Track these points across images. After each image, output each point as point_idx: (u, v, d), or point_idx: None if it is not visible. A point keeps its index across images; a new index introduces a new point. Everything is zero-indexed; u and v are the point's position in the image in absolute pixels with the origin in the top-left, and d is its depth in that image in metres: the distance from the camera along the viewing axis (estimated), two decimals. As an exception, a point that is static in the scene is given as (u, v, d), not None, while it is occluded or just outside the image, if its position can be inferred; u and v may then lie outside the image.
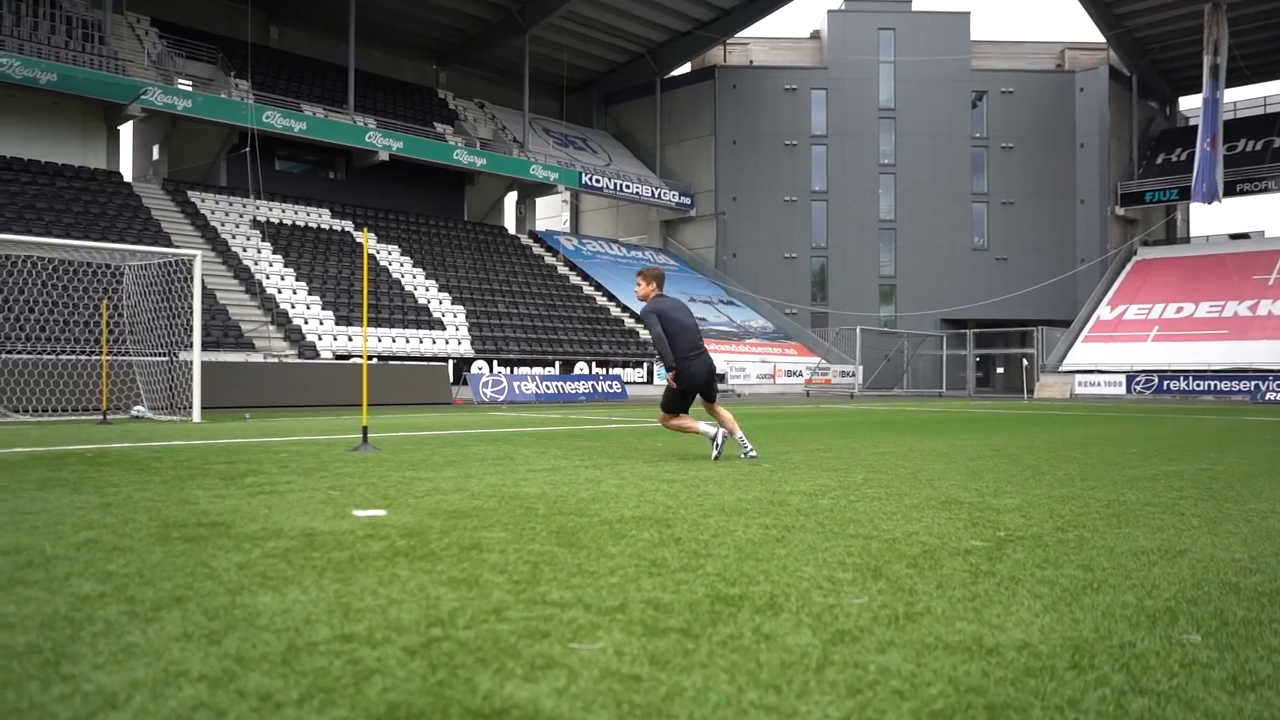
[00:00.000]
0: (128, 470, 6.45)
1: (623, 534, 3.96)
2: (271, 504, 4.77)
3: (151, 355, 16.66)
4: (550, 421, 14.51)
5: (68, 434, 10.74)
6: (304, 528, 4.04)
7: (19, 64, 26.52)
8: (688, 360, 7.78)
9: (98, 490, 5.30)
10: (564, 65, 44.06)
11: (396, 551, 3.52)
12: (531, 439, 10.11)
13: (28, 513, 4.42)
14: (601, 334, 34.57)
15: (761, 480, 6.13)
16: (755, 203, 46.20)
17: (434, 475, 6.22)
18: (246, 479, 5.92)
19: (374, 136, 34.23)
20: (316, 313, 27.24)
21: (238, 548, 3.57)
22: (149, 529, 3.98)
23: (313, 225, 32.84)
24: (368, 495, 5.16)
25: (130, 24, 32.65)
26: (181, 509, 4.57)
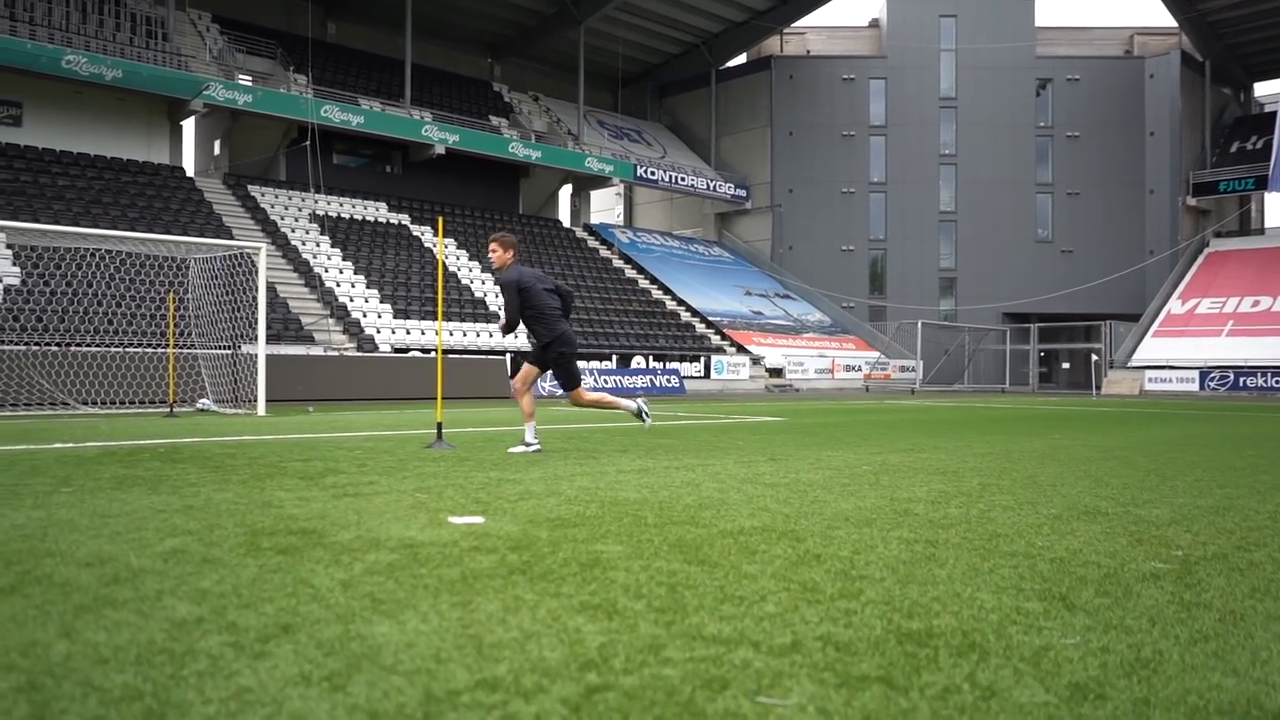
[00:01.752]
0: (203, 468, 6.21)
1: (752, 549, 3.57)
2: (360, 508, 4.46)
3: (215, 348, 16.64)
4: (616, 418, 14.16)
5: (137, 428, 10.63)
6: (401, 537, 3.71)
7: (86, 60, 26.84)
8: (563, 327, 7.59)
9: (176, 490, 5.04)
10: (618, 57, 43.73)
11: (510, 568, 3.17)
12: (604, 436, 9.76)
13: (107, 516, 4.15)
14: (657, 328, 34.19)
15: (870, 484, 5.70)
16: (812, 195, 45.45)
17: (520, 476, 5.88)
18: (326, 479, 5.63)
19: (430, 130, 34.19)
20: (375, 306, 27.23)
21: (336, 561, 3.24)
22: (237, 537, 3.67)
23: (370, 219, 32.90)
24: (458, 499, 4.83)
25: (192, 20, 32.95)
26: (266, 513, 4.28)
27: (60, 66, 26.49)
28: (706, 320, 36.63)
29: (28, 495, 4.80)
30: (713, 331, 36.08)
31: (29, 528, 3.85)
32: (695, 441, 9.11)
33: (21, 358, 15.93)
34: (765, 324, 39.04)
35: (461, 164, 36.34)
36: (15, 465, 6.31)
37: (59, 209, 24.81)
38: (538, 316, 7.51)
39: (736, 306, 39.40)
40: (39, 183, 26.07)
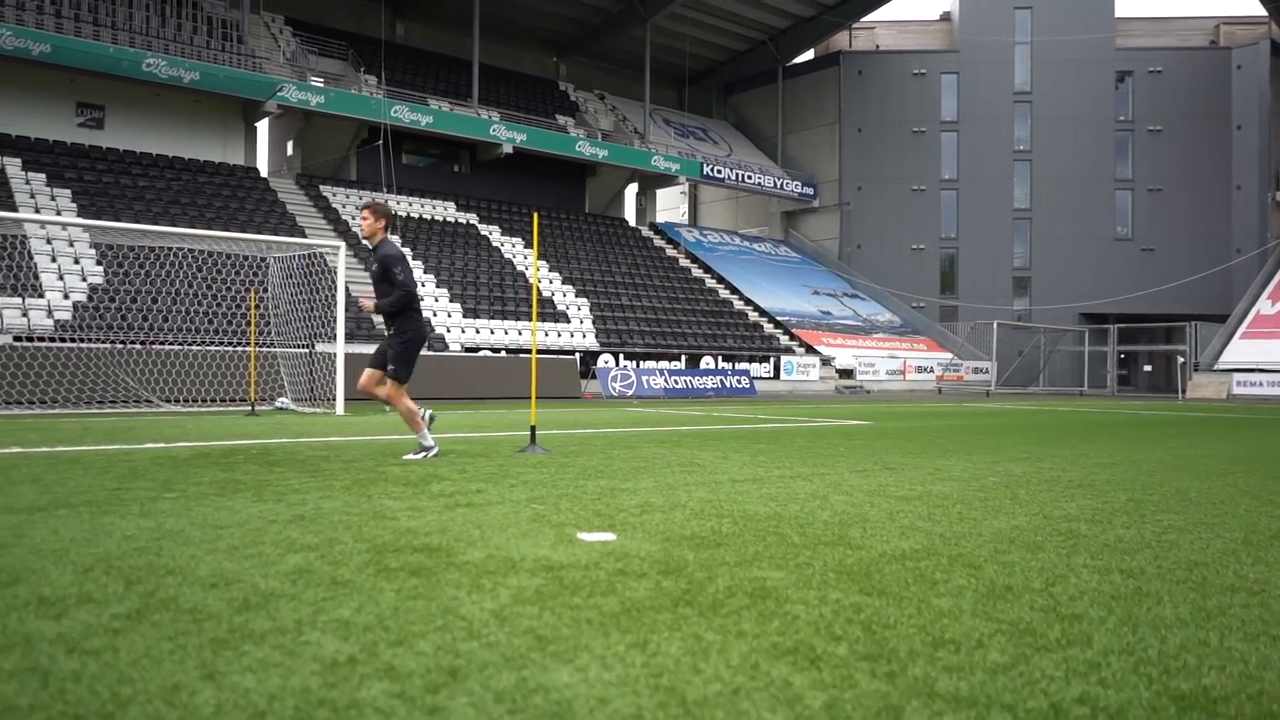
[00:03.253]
0: (301, 472, 6.00)
1: (929, 577, 3.20)
2: (479, 521, 4.17)
3: (293, 347, 16.67)
4: (698, 419, 13.81)
5: (223, 427, 10.57)
6: (536, 557, 3.40)
7: (165, 64, 27.28)
8: (421, 321, 7.16)
9: (281, 497, 4.81)
10: (684, 55, 43.34)
11: (673, 598, 2.83)
12: (698, 440, 9.41)
13: (219, 527, 3.92)
14: (725, 327, 33.74)
15: (1009, 499, 5.26)
16: (881, 192, 44.57)
17: (632, 485, 5.56)
18: (431, 486, 5.37)
19: (498, 129, 34.17)
20: (445, 305, 27.24)
21: (477, 586, 2.94)
22: (360, 554, 3.40)
23: (439, 218, 32.99)
24: (577, 511, 4.52)
25: (266, 23, 33.36)
26: (382, 526, 4.01)
27: (141, 70, 26.95)
28: (774, 320, 36.07)
29: (132, 502, 4.61)
30: (781, 331, 35.51)
31: (141, 539, 3.63)
32: (794, 447, 8.71)
33: (106, 355, 16.11)
34: (834, 324, 38.34)
35: (528, 163, 36.26)
36: (113, 467, 6.17)
37: (139, 209, 25.24)
38: (412, 296, 7.06)
39: (804, 306, 38.76)
40: (120, 184, 26.57)
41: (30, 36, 25.40)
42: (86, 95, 28.24)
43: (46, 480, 5.42)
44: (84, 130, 28.35)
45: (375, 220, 7.02)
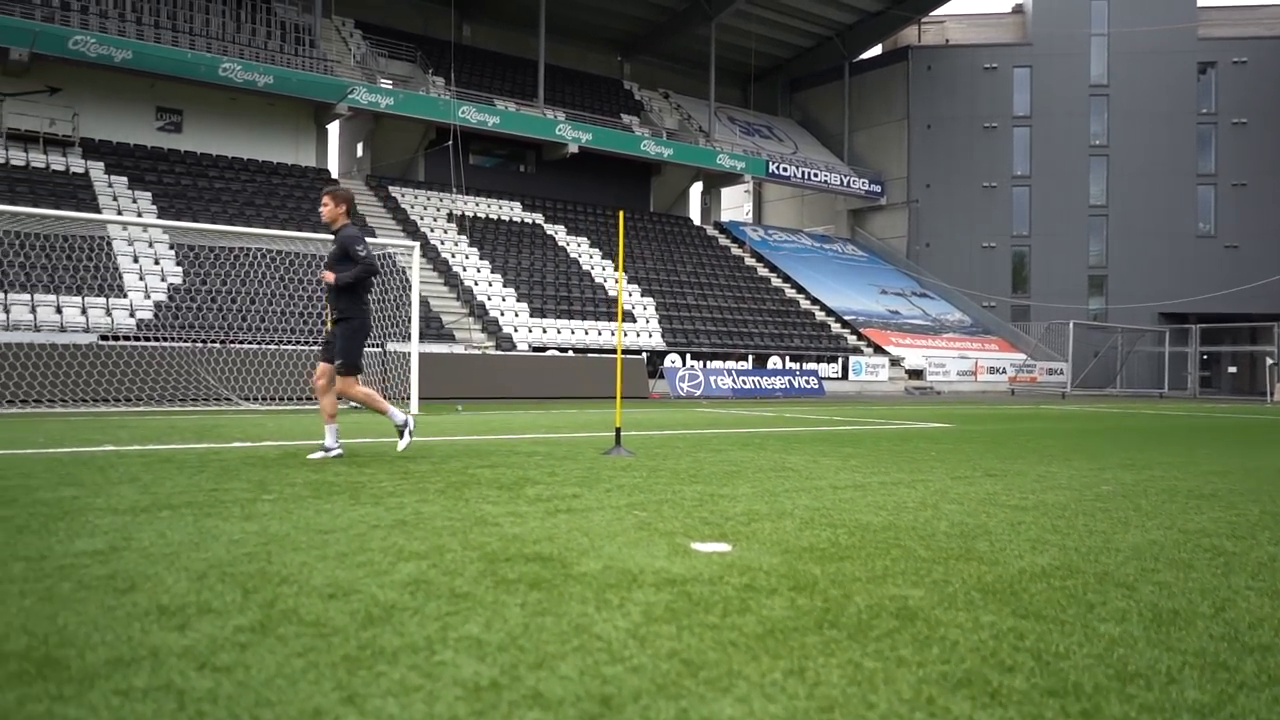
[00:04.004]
0: (391, 474, 5.93)
1: (1082, 598, 2.96)
2: (584, 528, 4.03)
3: (366, 346, 16.81)
4: (772, 421, 13.56)
5: (303, 426, 10.63)
6: (656, 570, 3.24)
7: (240, 68, 27.81)
8: (368, 306, 7.01)
9: (378, 500, 4.73)
10: (749, 52, 42.99)
11: (814, 619, 2.65)
12: (780, 442, 9.18)
13: (324, 531, 3.83)
14: (792, 327, 33.34)
15: (1133, 510, 4.97)
16: (951, 189, 43.69)
17: (731, 491, 5.38)
18: (526, 490, 5.25)
19: (564, 129, 34.22)
20: (512, 305, 27.33)
21: (604, 602, 2.79)
22: (473, 564, 3.28)
23: (505, 218, 33.15)
24: (682, 519, 4.35)
25: (336, 27, 33.86)
26: (487, 533, 3.89)
27: (217, 74, 27.52)
28: (842, 320, 35.55)
29: (232, 504, 4.57)
30: (848, 331, 34.99)
31: (248, 544, 3.55)
32: (882, 451, 8.44)
33: (187, 354, 16.42)
34: (903, 324, 37.67)
35: (593, 163, 36.27)
36: (206, 466, 6.18)
37: (216, 210, 25.76)
38: (363, 283, 6.89)
39: (872, 306, 38.15)
40: (198, 186, 27.16)
41: (113, 43, 26.09)
42: (166, 100, 28.93)
43: (144, 480, 5.43)
44: (163, 134, 29.05)
45: (336, 206, 6.98)
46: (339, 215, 6.99)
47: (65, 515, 4.14)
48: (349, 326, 6.84)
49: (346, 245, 6.84)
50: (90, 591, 2.80)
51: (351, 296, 6.85)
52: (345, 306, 6.83)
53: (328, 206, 6.98)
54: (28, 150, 25.71)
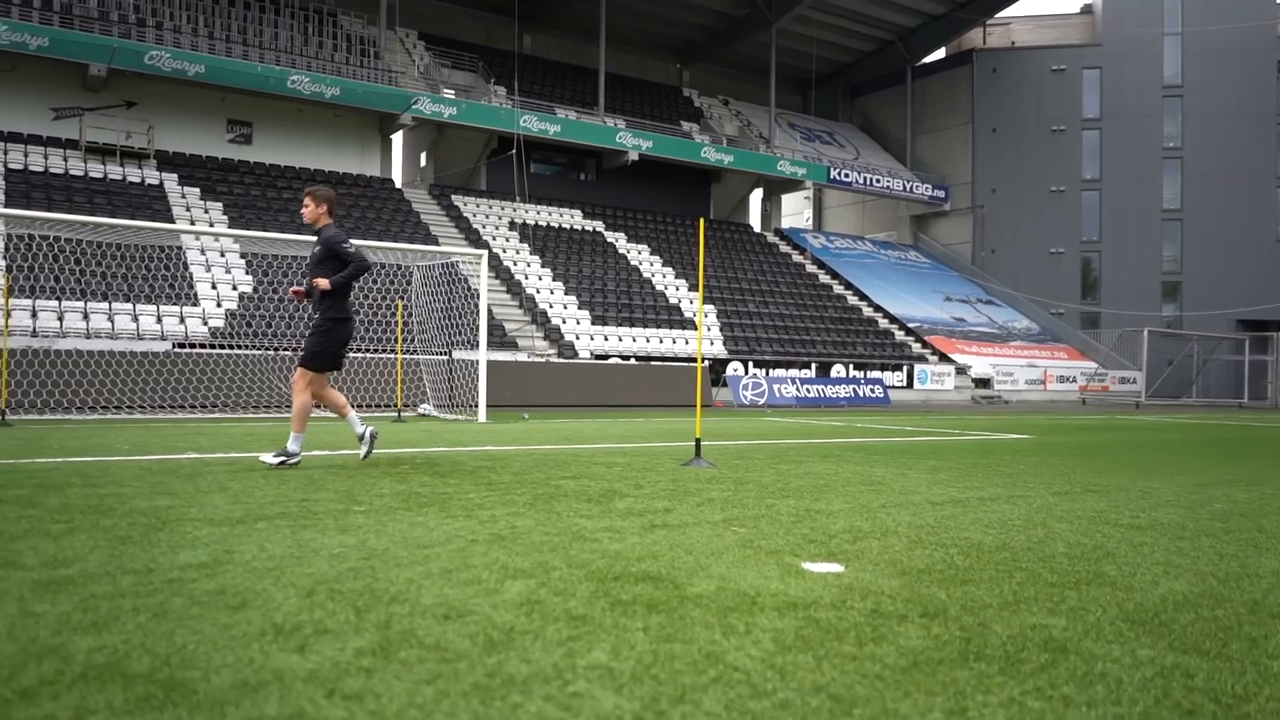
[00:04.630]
0: (476, 484, 5.87)
1: (1243, 633, 2.76)
2: (685, 545, 3.90)
3: (434, 354, 16.91)
4: (844, 431, 13.31)
5: (376, 434, 10.67)
6: (771, 591, 3.10)
7: (308, 80, 28.32)
8: (349, 306, 6.84)
9: (470, 513, 4.65)
10: (810, 58, 42.65)
11: (957, 650, 2.49)
12: (858, 453, 8.96)
13: (424, 546, 3.76)
14: (855, 335, 32.90)
15: (1256, 529, 4.69)
16: (1017, 194, 42.83)
17: (825, 506, 5.21)
18: (615, 503, 5.14)
19: (624, 137, 34.25)
20: (573, 312, 27.36)
21: (728, 627, 2.65)
22: (582, 583, 3.17)
23: (565, 226, 33.25)
24: (783, 536, 4.20)
25: (400, 38, 34.33)
26: (588, 549, 3.78)
27: (286, 86, 28.07)
28: (905, 327, 35.00)
29: (325, 515, 4.52)
30: (912, 339, 34.42)
31: (349, 559, 3.49)
32: (966, 463, 8.17)
33: (258, 361, 16.68)
34: (968, 331, 36.96)
35: (652, 170, 36.25)
36: (290, 475, 6.18)
37: (284, 220, 26.22)
38: (345, 289, 6.79)
39: (936, 313, 37.50)
40: (266, 196, 27.68)
41: (186, 58, 26.75)
42: (236, 113, 29.57)
43: (233, 489, 5.43)
44: (233, 146, 29.69)
45: (317, 206, 6.86)
46: (320, 215, 6.89)
47: (164, 525, 4.13)
48: (329, 322, 6.74)
49: (332, 245, 6.72)
50: (202, 608, 2.75)
51: (335, 297, 6.75)
52: (329, 307, 6.74)
53: (309, 207, 6.88)
54: (105, 163, 26.44)
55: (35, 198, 23.32)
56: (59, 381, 14.78)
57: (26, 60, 25.57)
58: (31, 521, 4.19)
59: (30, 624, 2.56)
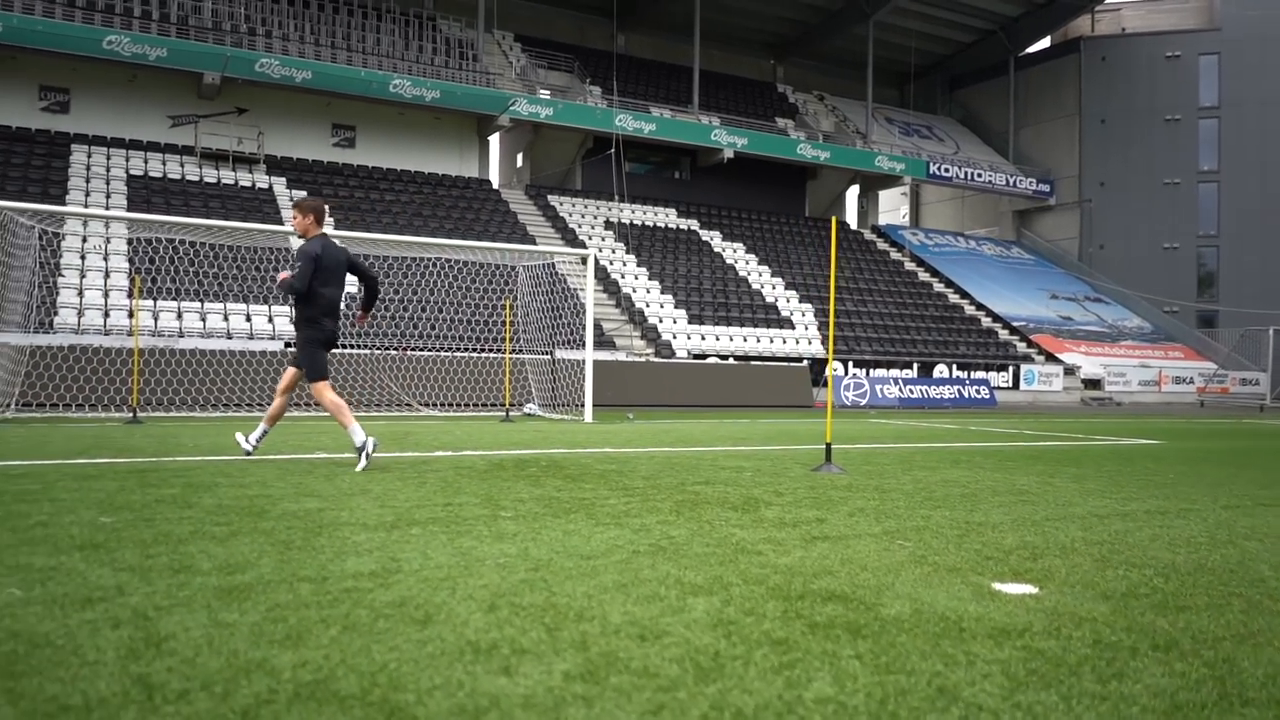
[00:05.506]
0: (611, 489, 5.76)
1: None
2: (857, 560, 3.71)
3: (538, 353, 16.99)
4: (961, 434, 12.87)
5: (491, 435, 10.72)
6: (974, 615, 2.89)
7: (409, 84, 28.83)
8: (324, 316, 6.83)
9: (618, 521, 4.54)
10: (909, 50, 41.71)
11: (1214, 690, 2.25)
12: (988, 459, 8.59)
13: (585, 557, 3.65)
14: (958, 334, 32.02)
15: None
16: (1127, 187, 41.11)
17: (983, 519, 4.94)
18: (762, 511, 4.97)
19: (719, 134, 34.00)
20: (670, 311, 27.25)
21: (948, 658, 2.46)
22: (769, 603, 3.01)
23: (660, 225, 33.17)
24: (955, 552, 3.97)
25: (497, 41, 34.70)
26: (757, 563, 3.62)
27: (388, 91, 28.63)
28: (1010, 326, 33.92)
29: (474, 521, 4.46)
30: (1017, 338, 33.34)
31: (518, 569, 3.39)
32: (1111, 471, 7.74)
33: (368, 361, 16.99)
34: (1076, 330, 35.63)
35: (747, 168, 35.90)
36: (423, 477, 6.17)
37: (386, 221, 26.74)
38: (313, 298, 6.78)
39: (1042, 311, 36.25)
40: (370, 198, 28.28)
41: (294, 65, 27.49)
42: (340, 117, 30.30)
43: (374, 491, 5.44)
44: (338, 149, 30.43)
45: (303, 218, 6.92)
46: (309, 226, 6.93)
47: (321, 530, 4.12)
48: (301, 338, 6.89)
49: (294, 260, 6.82)
50: (389, 621, 2.68)
51: (302, 307, 6.84)
52: (297, 317, 6.91)
53: (296, 219, 6.95)
54: (219, 168, 27.37)
55: (155, 202, 24.26)
56: (181, 380, 15.28)
57: (146, 70, 26.64)
58: (194, 523, 4.23)
59: (226, 635, 2.52)
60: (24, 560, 3.39)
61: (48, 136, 26.11)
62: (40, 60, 25.87)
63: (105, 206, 23.56)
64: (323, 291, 6.80)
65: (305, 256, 6.69)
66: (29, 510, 4.51)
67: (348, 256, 7.05)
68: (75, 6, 26.44)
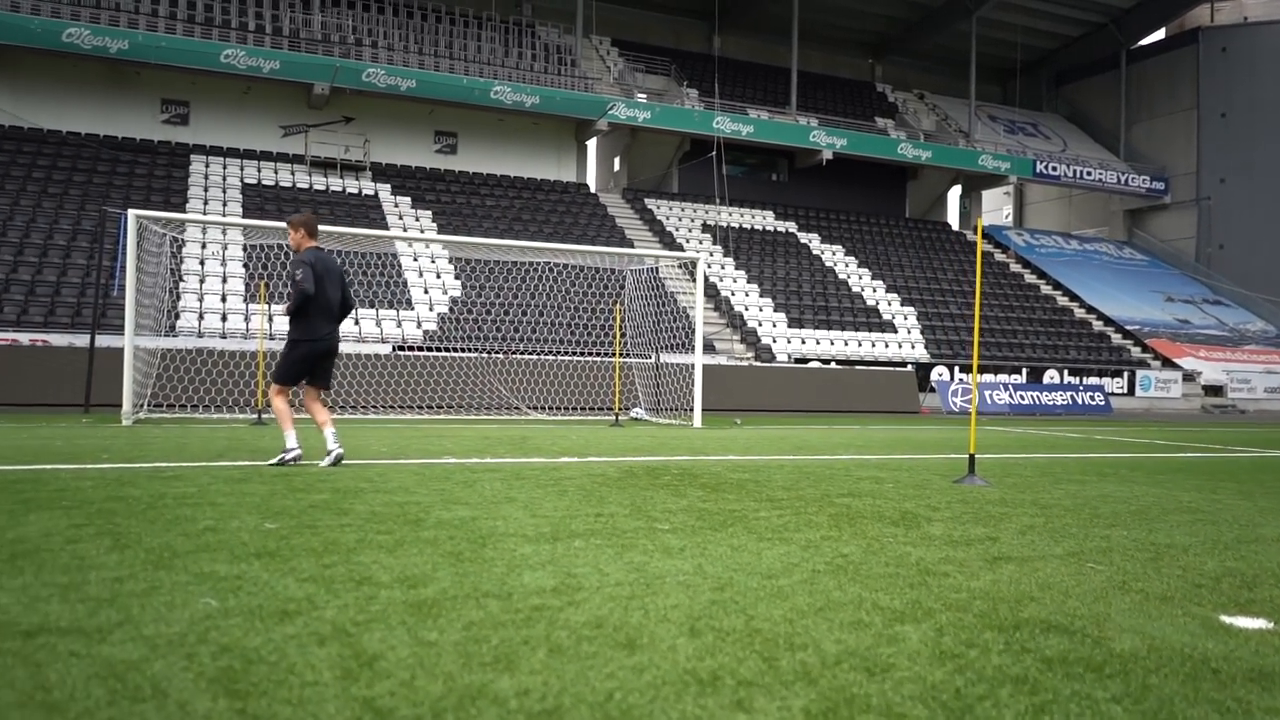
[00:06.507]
0: (756, 499, 5.59)
1: None
2: (1057, 586, 3.47)
3: (642, 357, 16.92)
4: (1087, 444, 12.30)
5: (609, 440, 10.66)
6: (1221, 655, 2.64)
7: (509, 90, 29.16)
8: (316, 326, 6.99)
9: (781, 536, 4.37)
10: (1013, 46, 40.45)
11: None
12: (1134, 471, 8.13)
13: (766, 575, 3.49)
14: (1067, 338, 30.88)
15: None
16: (1250, 185, 39.06)
17: (1167, 539, 4.62)
18: (925, 528, 4.74)
19: (818, 135, 33.52)
20: (769, 315, 26.92)
21: (1213, 702, 2.23)
22: (984, 632, 2.80)
23: (758, 227, 32.85)
24: (1157, 578, 3.69)
25: (594, 45, 34.86)
26: (949, 586, 3.42)
27: (489, 97, 29.01)
28: (1123, 330, 32.56)
29: (631, 533, 4.35)
30: (1131, 342, 31.97)
31: (701, 589, 3.26)
32: (1271, 487, 7.24)
33: (476, 364, 17.17)
34: (1194, 334, 34.01)
35: (845, 169, 35.28)
36: (562, 485, 6.10)
37: (488, 226, 27.07)
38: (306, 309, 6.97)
39: (1157, 314, 34.72)
40: (471, 204, 28.69)
41: (399, 74, 28.07)
42: (442, 124, 30.83)
43: (519, 500, 5.39)
44: (440, 155, 30.97)
45: (295, 233, 7.18)
46: (301, 240, 7.19)
47: (484, 541, 4.05)
48: (290, 341, 7.09)
49: (292, 271, 7.01)
50: (590, 644, 2.57)
51: (293, 320, 7.05)
52: (290, 327, 7.10)
53: (291, 236, 7.20)
54: (327, 175, 28.12)
55: (268, 209, 25.02)
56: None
57: (259, 82, 27.55)
58: (356, 531, 4.22)
59: (434, 656, 2.44)
60: (207, 568, 3.40)
61: (169, 148, 27.20)
62: (162, 75, 26.98)
63: (222, 214, 24.40)
64: (316, 300, 7.01)
65: (301, 265, 6.98)
66: (194, 514, 4.58)
67: (340, 271, 7.29)
68: (195, 22, 27.51)
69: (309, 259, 7.01)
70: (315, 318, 7.01)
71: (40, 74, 26.54)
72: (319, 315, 7.02)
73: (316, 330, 7.02)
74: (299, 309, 6.93)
